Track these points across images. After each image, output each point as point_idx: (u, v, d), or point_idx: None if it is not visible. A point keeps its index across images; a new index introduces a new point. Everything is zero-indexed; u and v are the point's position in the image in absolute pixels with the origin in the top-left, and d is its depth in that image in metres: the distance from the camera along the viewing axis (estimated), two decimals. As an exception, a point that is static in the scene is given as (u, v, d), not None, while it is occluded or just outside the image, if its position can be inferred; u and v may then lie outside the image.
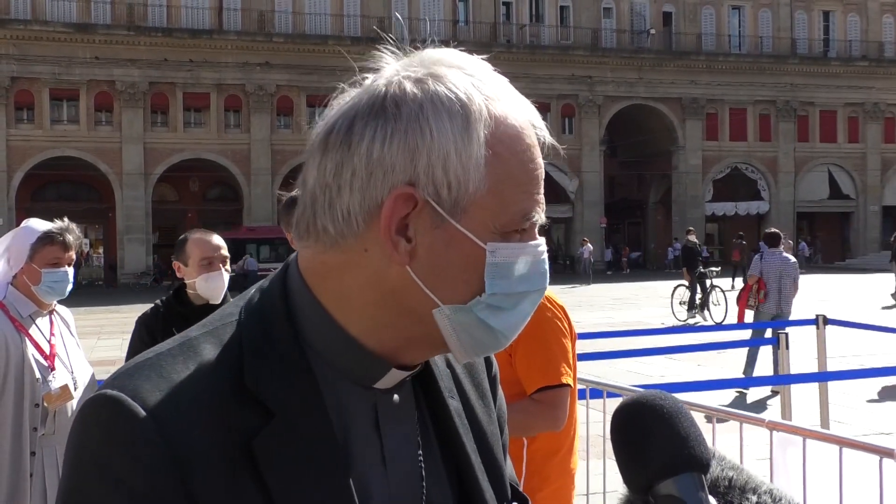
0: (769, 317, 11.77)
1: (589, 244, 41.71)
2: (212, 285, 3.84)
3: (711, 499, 0.94)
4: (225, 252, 3.94)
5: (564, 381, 2.96)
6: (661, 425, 0.94)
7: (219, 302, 3.82)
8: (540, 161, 0.99)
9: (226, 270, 3.90)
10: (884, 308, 22.40)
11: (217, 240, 3.97)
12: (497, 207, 0.94)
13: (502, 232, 0.95)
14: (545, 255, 1.00)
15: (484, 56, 1.04)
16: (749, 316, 12.16)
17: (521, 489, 1.19)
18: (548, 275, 1.01)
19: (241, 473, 0.90)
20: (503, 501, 1.11)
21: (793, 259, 12.07)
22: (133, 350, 3.77)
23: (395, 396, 1.04)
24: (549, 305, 3.07)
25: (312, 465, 0.92)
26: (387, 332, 0.98)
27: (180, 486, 0.87)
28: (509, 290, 0.97)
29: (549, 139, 1.01)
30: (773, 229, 12.84)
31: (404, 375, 1.02)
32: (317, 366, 0.97)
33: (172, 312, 3.84)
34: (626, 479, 0.96)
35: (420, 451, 1.04)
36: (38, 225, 3.60)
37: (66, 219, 3.69)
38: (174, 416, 0.89)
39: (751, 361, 11.66)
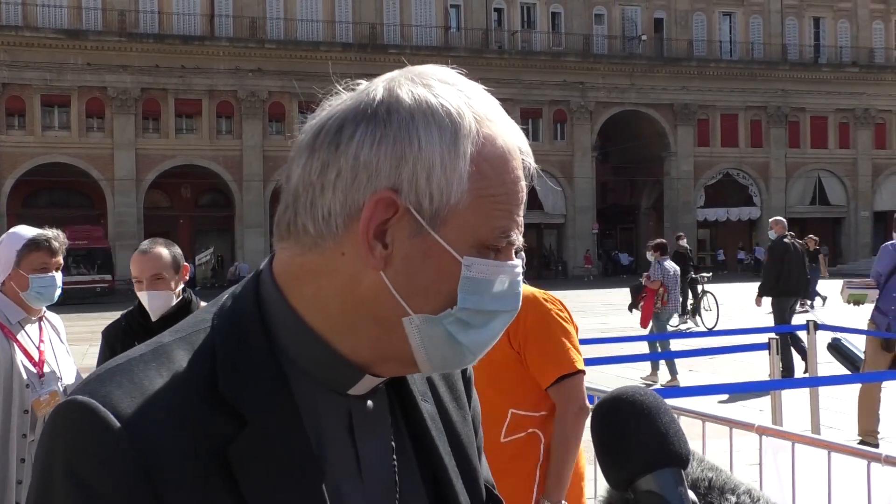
0: (670, 315, 13.71)
1: (522, 252, 41.37)
2: (146, 303, 3.68)
3: (691, 493, 0.94)
4: (161, 273, 3.66)
5: (578, 366, 3.11)
6: (641, 421, 0.94)
7: (156, 318, 3.64)
8: (523, 185, 0.99)
9: (164, 290, 3.66)
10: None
11: (155, 256, 3.69)
12: (476, 223, 0.95)
13: (479, 248, 0.95)
14: (520, 277, 1.01)
15: (475, 63, 1.04)
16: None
17: (496, 491, 1.18)
18: (520, 297, 1.01)
19: (215, 481, 0.89)
20: (478, 503, 1.11)
21: (675, 266, 13.81)
22: (98, 365, 3.70)
23: (370, 402, 1.04)
24: (544, 300, 3.19)
25: (286, 473, 0.92)
26: (359, 340, 0.98)
27: (151, 494, 0.86)
28: (480, 306, 0.96)
29: (533, 165, 1.02)
30: (660, 240, 14.50)
31: (378, 382, 1.02)
32: (291, 373, 0.97)
33: (134, 325, 3.73)
34: (607, 474, 0.96)
35: (394, 456, 1.04)
36: (24, 231, 3.59)
37: (53, 228, 3.69)
38: (145, 423, 0.88)
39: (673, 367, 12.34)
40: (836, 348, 10.48)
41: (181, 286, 3.78)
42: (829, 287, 21.20)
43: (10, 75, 41.27)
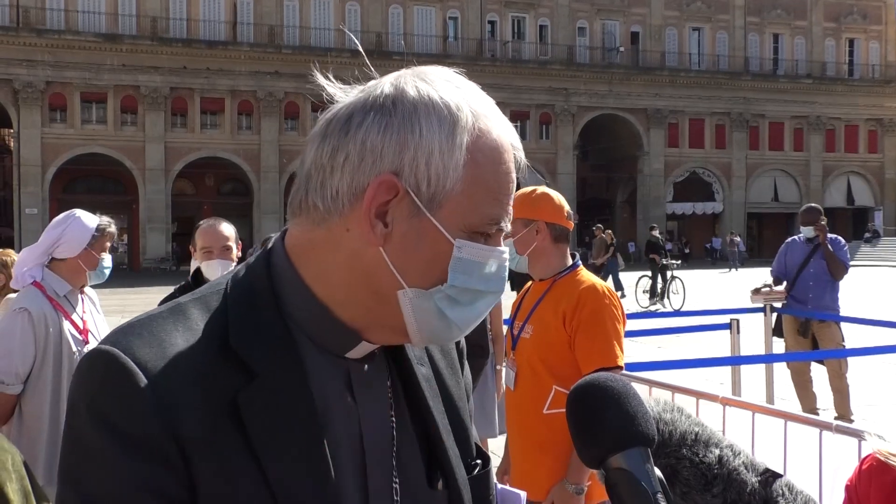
0: None
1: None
2: (210, 272, 3.77)
3: (656, 470, 0.94)
4: (229, 243, 3.80)
5: (619, 363, 3.00)
6: (611, 405, 0.94)
7: None
8: (514, 177, 0.99)
9: (229, 260, 3.78)
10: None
11: (223, 231, 3.83)
12: (469, 208, 0.94)
13: (470, 232, 0.95)
14: (507, 263, 1.00)
15: (470, 69, 1.03)
16: None
17: (485, 450, 1.18)
18: (505, 281, 1.00)
19: (225, 422, 0.90)
20: (468, 459, 1.11)
21: None
22: None
23: (367, 365, 1.04)
24: (605, 293, 3.08)
25: (291, 420, 0.92)
26: (357, 309, 0.98)
27: (169, 431, 0.87)
28: (468, 285, 0.96)
29: (524, 160, 1.01)
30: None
31: (373, 347, 1.03)
32: (296, 335, 0.97)
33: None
34: (581, 453, 0.96)
35: (392, 413, 1.04)
36: (89, 216, 3.57)
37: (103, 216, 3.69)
38: (162, 368, 0.89)
39: None
40: None
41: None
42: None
43: (53, 74, 40.99)
